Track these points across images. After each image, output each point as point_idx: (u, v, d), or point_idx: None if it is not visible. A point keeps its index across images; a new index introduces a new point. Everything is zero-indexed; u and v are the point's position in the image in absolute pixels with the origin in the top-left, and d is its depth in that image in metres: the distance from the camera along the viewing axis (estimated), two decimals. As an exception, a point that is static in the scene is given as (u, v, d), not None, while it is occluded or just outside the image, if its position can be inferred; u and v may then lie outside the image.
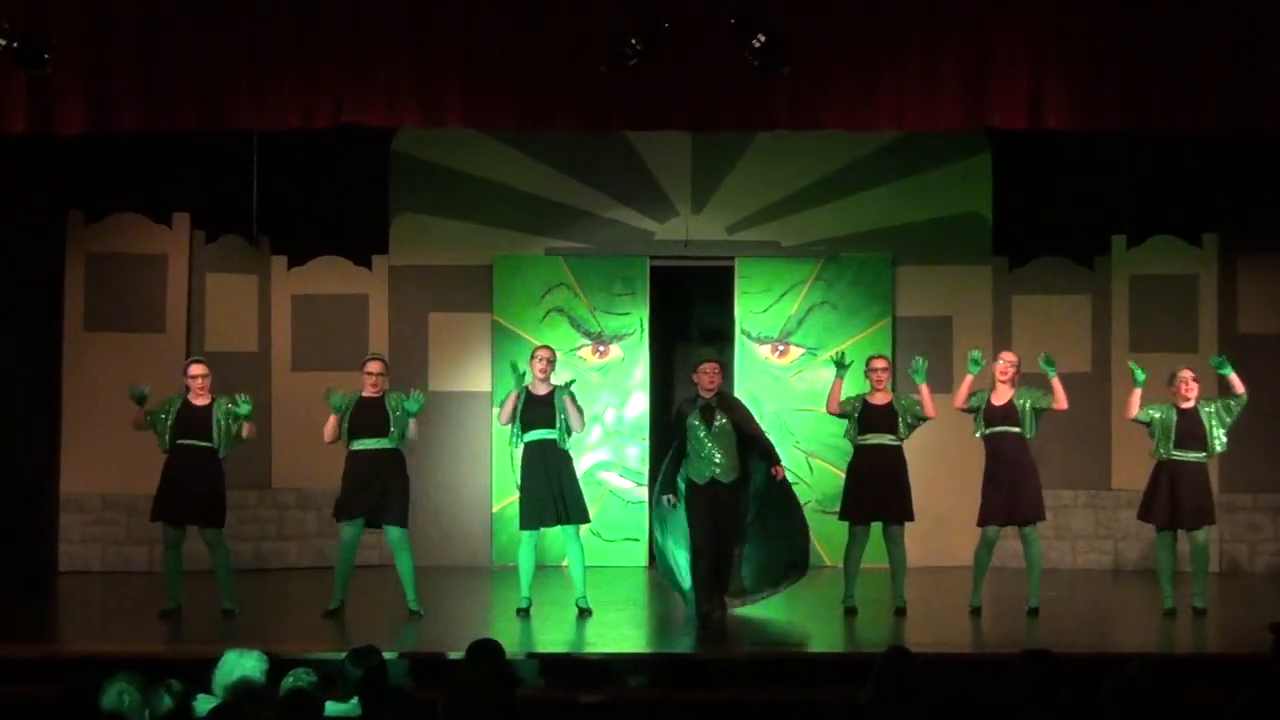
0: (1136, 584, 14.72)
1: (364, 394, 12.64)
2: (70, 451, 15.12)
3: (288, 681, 7.18)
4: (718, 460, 12.19)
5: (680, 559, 12.45)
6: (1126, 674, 6.63)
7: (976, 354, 12.93)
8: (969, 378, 12.90)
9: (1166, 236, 15.63)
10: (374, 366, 12.74)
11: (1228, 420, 12.72)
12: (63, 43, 11.30)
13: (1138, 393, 12.76)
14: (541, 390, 12.75)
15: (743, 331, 16.02)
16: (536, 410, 12.70)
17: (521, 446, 12.73)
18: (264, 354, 15.78)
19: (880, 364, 13.06)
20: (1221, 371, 12.80)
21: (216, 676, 7.44)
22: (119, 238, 15.18)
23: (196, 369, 12.65)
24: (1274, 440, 15.02)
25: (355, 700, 7.44)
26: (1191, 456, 12.67)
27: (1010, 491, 12.76)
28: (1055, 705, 6.98)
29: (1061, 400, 12.83)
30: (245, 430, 12.55)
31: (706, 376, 12.24)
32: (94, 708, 6.82)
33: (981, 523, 12.91)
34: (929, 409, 12.88)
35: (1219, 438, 12.68)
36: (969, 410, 12.96)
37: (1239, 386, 12.70)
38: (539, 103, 11.84)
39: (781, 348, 16.02)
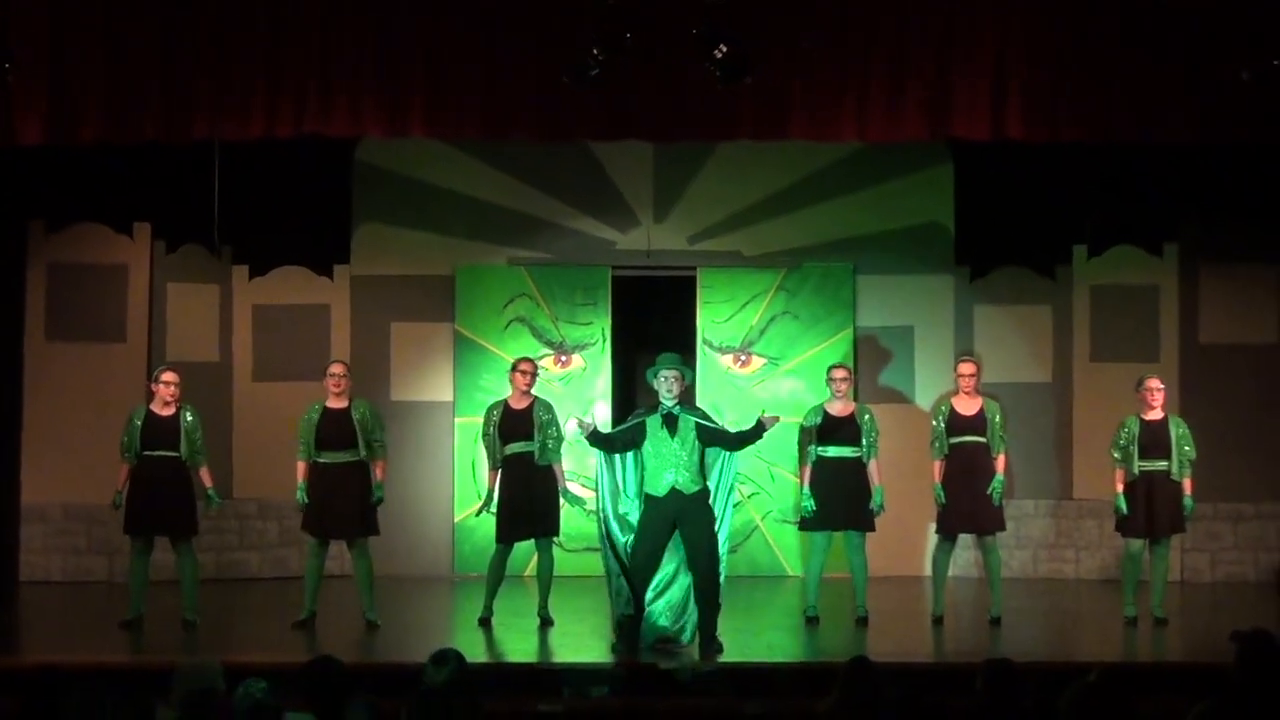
0: (1098, 593, 14.74)
1: (328, 404, 12.64)
2: (31, 461, 15.02)
3: (239, 692, 7.15)
4: (680, 468, 11.38)
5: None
6: (1087, 683, 6.64)
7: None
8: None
9: (1127, 247, 15.65)
10: (337, 369, 12.76)
11: (1184, 460, 12.73)
12: (23, 53, 11.27)
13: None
14: (521, 404, 12.78)
15: (705, 341, 16.01)
16: (514, 423, 12.77)
17: (501, 459, 12.79)
18: (225, 364, 15.73)
19: (841, 374, 13.06)
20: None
21: (176, 687, 7.41)
22: (80, 247, 15.12)
23: (170, 376, 12.61)
24: (1234, 450, 15.06)
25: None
26: (1159, 466, 12.68)
27: (972, 501, 12.79)
28: (1017, 714, 6.99)
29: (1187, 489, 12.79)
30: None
31: (665, 384, 11.50)
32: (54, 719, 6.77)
33: (940, 529, 12.97)
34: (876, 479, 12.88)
35: (1180, 463, 12.70)
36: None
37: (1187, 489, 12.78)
38: (501, 113, 11.85)
39: (743, 357, 16.02)
